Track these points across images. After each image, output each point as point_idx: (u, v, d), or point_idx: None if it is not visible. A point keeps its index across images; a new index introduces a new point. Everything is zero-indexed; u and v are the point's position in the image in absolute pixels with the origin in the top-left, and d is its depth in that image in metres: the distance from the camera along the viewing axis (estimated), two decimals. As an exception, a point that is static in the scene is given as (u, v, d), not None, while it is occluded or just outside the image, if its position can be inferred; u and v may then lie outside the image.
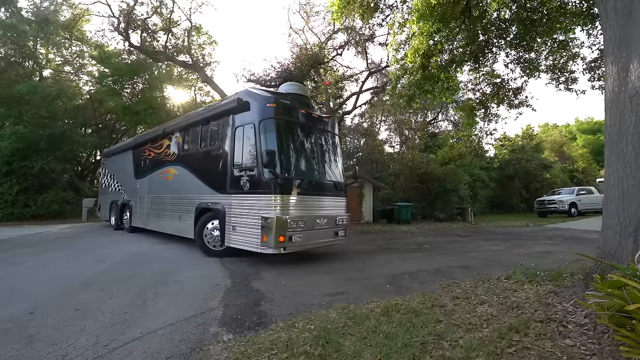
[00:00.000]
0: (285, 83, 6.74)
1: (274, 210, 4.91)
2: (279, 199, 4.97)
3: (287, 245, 4.91)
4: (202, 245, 6.05)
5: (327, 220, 5.69)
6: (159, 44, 15.59)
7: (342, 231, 6.09)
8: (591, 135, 38.25)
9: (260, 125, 5.27)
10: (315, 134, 5.99)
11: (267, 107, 5.36)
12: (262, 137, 5.20)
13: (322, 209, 5.66)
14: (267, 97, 5.56)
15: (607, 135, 2.95)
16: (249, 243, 5.13)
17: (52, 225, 12.03)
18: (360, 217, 15.34)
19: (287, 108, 5.60)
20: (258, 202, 5.09)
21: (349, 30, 13.35)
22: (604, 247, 2.87)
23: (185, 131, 7.38)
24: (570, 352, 2.09)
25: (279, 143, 5.24)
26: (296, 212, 5.14)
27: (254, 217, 5.06)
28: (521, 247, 7.32)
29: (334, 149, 6.50)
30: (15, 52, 16.64)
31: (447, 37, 7.84)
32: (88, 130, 21.85)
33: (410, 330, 2.49)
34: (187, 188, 6.89)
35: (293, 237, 4.97)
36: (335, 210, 5.98)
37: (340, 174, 6.43)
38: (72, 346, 2.42)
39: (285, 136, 5.47)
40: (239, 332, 2.69)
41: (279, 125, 5.37)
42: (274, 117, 5.32)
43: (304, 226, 5.17)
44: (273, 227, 4.76)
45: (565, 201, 16.75)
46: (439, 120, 22.72)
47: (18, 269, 4.92)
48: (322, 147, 6.15)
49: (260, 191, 5.10)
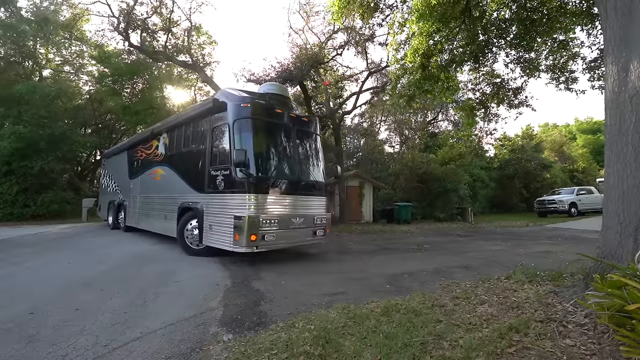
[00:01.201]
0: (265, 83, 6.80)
1: (246, 209, 4.97)
2: (252, 198, 5.03)
3: (260, 244, 4.96)
4: (183, 244, 6.17)
5: (304, 220, 5.70)
6: (158, 44, 15.58)
7: (321, 231, 6.07)
8: (591, 135, 38.24)
9: (234, 125, 5.35)
10: (293, 133, 5.99)
11: (241, 107, 5.44)
12: (235, 137, 5.28)
13: (298, 208, 5.67)
14: (241, 97, 5.64)
15: (607, 135, 2.95)
16: (223, 241, 5.20)
17: (52, 225, 12.03)
18: (360, 217, 15.34)
19: (262, 108, 5.65)
20: (232, 201, 5.17)
21: (349, 30, 13.32)
22: (604, 247, 2.87)
23: (171, 132, 7.53)
24: (570, 352, 2.09)
25: (252, 142, 5.32)
26: (269, 211, 5.18)
27: (228, 216, 5.12)
28: (521, 247, 7.32)
29: (313, 149, 6.51)
30: (15, 52, 16.64)
31: (447, 37, 7.83)
32: (88, 130, 21.84)
33: (410, 330, 2.49)
34: (172, 188, 7.03)
35: (266, 236, 5.01)
36: (313, 210, 5.97)
37: (320, 173, 6.42)
38: (72, 346, 2.42)
39: (259, 136, 5.53)
40: (239, 332, 2.69)
41: (253, 125, 5.44)
42: (248, 117, 5.40)
43: (277, 225, 5.20)
44: (245, 226, 4.81)
45: (565, 201, 16.75)
46: (439, 120, 22.72)
47: (18, 269, 4.92)
48: (300, 146, 6.15)
49: (234, 190, 5.19)
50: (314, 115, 6.93)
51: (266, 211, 5.13)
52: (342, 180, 14.23)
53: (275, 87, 6.53)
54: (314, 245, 7.69)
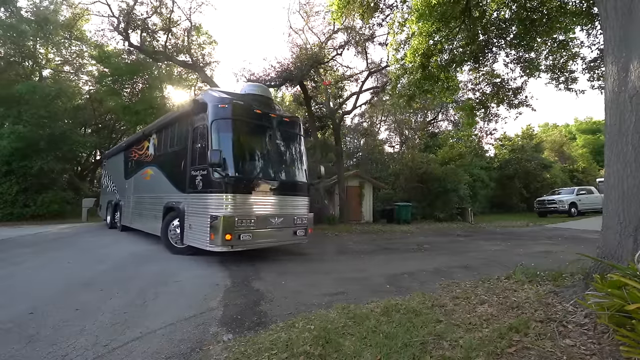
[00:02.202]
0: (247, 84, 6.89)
1: (222, 209, 5.03)
2: (228, 198, 5.09)
3: (235, 243, 5.00)
4: (166, 243, 6.24)
5: (284, 220, 5.72)
6: (158, 44, 15.56)
7: (302, 231, 6.08)
8: (591, 135, 38.24)
9: (212, 125, 5.40)
10: (273, 133, 6.01)
11: (219, 107, 5.50)
12: (213, 137, 5.33)
13: (277, 208, 5.68)
14: (220, 98, 5.69)
15: (607, 135, 2.95)
16: (201, 241, 5.26)
17: (52, 225, 12.02)
18: (360, 217, 15.35)
19: (240, 108, 5.68)
20: (209, 201, 5.23)
21: (349, 30, 13.32)
22: (604, 247, 2.87)
23: (159, 133, 7.63)
24: (570, 352, 2.09)
25: (229, 143, 5.39)
26: (245, 211, 5.21)
27: (205, 215, 5.17)
28: (521, 247, 7.33)
29: (295, 149, 6.51)
30: (14, 51, 16.63)
31: (447, 37, 7.83)
32: (88, 130, 21.84)
33: (410, 330, 2.49)
34: (159, 188, 7.12)
35: (242, 236, 5.04)
36: (294, 210, 5.98)
37: (302, 174, 6.42)
38: (72, 346, 2.42)
39: (237, 136, 5.58)
40: (238, 332, 2.69)
41: (230, 126, 5.50)
42: (225, 118, 5.45)
43: (255, 225, 5.23)
44: (220, 226, 4.85)
45: (565, 201, 16.76)
46: (439, 120, 22.72)
47: (18, 269, 4.92)
48: (280, 147, 6.17)
49: (211, 190, 5.24)
50: (296, 116, 6.92)
51: (242, 211, 5.18)
52: (341, 180, 14.25)
53: (257, 87, 6.59)
54: (314, 246, 7.70)
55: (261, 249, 6.82)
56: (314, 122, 15.33)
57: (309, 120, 15.34)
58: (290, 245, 7.15)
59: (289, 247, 7.19)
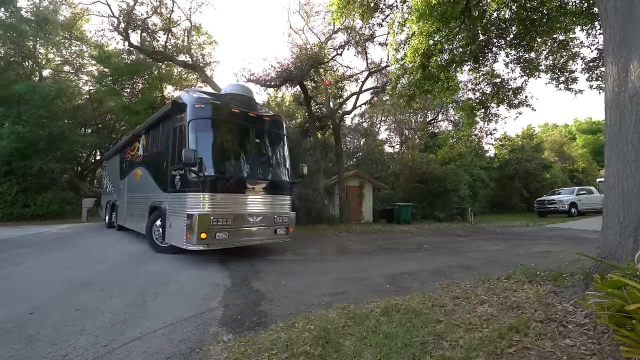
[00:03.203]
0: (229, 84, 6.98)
1: (198, 207, 5.09)
2: (203, 197, 5.14)
3: (211, 242, 5.04)
4: (150, 241, 6.31)
5: (262, 219, 5.74)
6: (158, 44, 15.57)
7: (283, 229, 6.10)
8: (591, 135, 38.24)
9: (189, 125, 5.46)
10: (252, 133, 6.01)
11: (196, 107, 5.56)
12: (190, 137, 5.40)
13: (256, 207, 5.70)
14: (197, 98, 5.75)
15: (607, 135, 2.95)
16: (178, 239, 5.31)
17: (52, 225, 12.02)
18: (360, 217, 15.35)
19: (218, 108, 5.74)
20: (186, 200, 5.29)
21: (349, 30, 13.32)
22: (604, 247, 2.87)
23: (146, 134, 7.73)
24: (570, 352, 2.09)
25: (205, 142, 5.45)
26: (221, 210, 5.23)
27: (182, 214, 5.22)
28: (521, 247, 7.32)
29: (275, 148, 6.54)
30: (14, 51, 16.62)
31: (447, 37, 7.83)
32: (88, 130, 21.84)
33: (410, 330, 2.49)
34: (146, 188, 7.20)
35: (217, 235, 5.09)
36: (273, 209, 5.99)
37: (282, 172, 6.44)
38: (72, 346, 2.42)
39: (213, 135, 5.64)
40: (238, 332, 2.69)
41: (207, 125, 5.57)
42: (202, 118, 5.53)
43: (231, 224, 5.26)
44: (195, 224, 4.90)
45: (565, 201, 16.75)
46: (439, 120, 22.72)
47: (18, 269, 4.92)
48: (260, 145, 6.18)
49: (188, 189, 5.30)
50: (278, 115, 6.93)
51: (218, 210, 5.20)
52: (341, 180, 14.25)
53: (238, 87, 6.65)
54: (314, 246, 7.70)
55: (263, 249, 6.84)
56: (314, 122, 15.32)
57: (309, 120, 15.34)
58: (290, 245, 7.15)
59: (289, 247, 7.19)
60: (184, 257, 5.87)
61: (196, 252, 6.19)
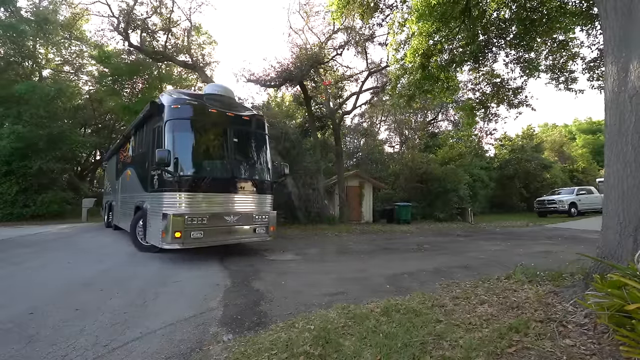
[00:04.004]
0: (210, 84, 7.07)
1: (173, 207, 5.16)
2: (178, 196, 5.23)
3: (185, 241, 5.10)
4: (134, 240, 6.39)
5: (240, 218, 5.77)
6: (158, 44, 15.56)
7: (262, 229, 6.11)
8: (590, 135, 38.24)
9: (165, 125, 5.52)
10: (229, 132, 6.04)
11: (172, 108, 5.62)
12: (166, 137, 5.46)
13: (233, 206, 5.74)
14: (174, 99, 5.81)
15: (607, 135, 2.95)
16: (156, 238, 5.39)
17: (52, 225, 12.02)
18: (360, 217, 15.34)
19: (194, 109, 5.79)
20: (163, 199, 5.39)
21: (349, 30, 13.32)
22: (604, 247, 2.87)
23: (134, 134, 7.84)
24: (570, 352, 2.09)
25: (181, 142, 5.52)
26: (196, 210, 5.30)
27: (159, 213, 5.30)
28: (521, 247, 7.32)
29: (254, 147, 6.56)
30: (14, 51, 16.60)
31: (447, 37, 7.82)
32: (88, 130, 21.83)
33: (410, 330, 2.49)
34: (133, 188, 7.32)
35: (192, 234, 5.15)
36: (252, 208, 6.02)
37: (261, 171, 6.46)
38: (71, 346, 2.41)
39: (189, 136, 5.70)
40: (238, 332, 2.69)
41: (183, 126, 5.63)
42: (178, 118, 5.59)
43: (207, 223, 5.31)
44: (169, 224, 4.99)
45: (565, 201, 16.75)
46: (439, 120, 22.72)
47: (18, 269, 4.92)
48: (237, 145, 6.20)
49: (164, 189, 5.38)
50: (259, 114, 6.96)
51: (193, 209, 5.27)
52: (341, 180, 14.26)
53: (218, 87, 6.73)
54: (314, 246, 7.70)
55: (263, 249, 6.84)
56: (313, 122, 15.33)
57: (309, 120, 15.34)
58: (290, 245, 7.15)
59: (288, 246, 7.20)
60: (184, 257, 5.87)
61: (196, 252, 6.21)
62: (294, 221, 12.53)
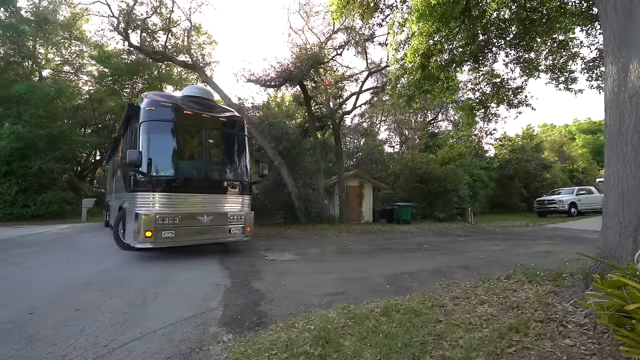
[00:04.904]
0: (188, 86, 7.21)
1: (145, 207, 5.25)
2: (151, 196, 5.33)
3: (157, 240, 5.18)
4: (116, 238, 6.43)
5: (214, 218, 5.81)
6: (158, 44, 15.54)
7: (238, 229, 6.15)
8: (590, 135, 38.25)
9: (140, 127, 5.63)
10: (205, 133, 6.09)
11: (147, 110, 5.72)
12: (140, 139, 5.56)
13: (207, 206, 5.79)
14: (149, 101, 5.91)
15: (607, 135, 2.95)
16: (130, 237, 5.47)
17: (52, 225, 12.02)
18: (360, 217, 15.34)
19: (168, 110, 5.86)
20: (136, 199, 5.44)
21: (349, 30, 13.33)
22: (604, 247, 2.87)
23: (123, 136, 8.02)
24: (570, 352, 2.09)
25: (155, 143, 5.58)
26: (168, 209, 5.37)
27: (132, 213, 5.42)
28: (521, 247, 7.32)
29: (230, 148, 6.62)
30: (14, 51, 16.61)
31: (447, 37, 7.82)
32: (88, 130, 21.82)
33: (410, 330, 2.49)
34: (120, 188, 7.50)
35: (163, 233, 5.22)
36: (227, 208, 6.08)
37: (238, 172, 6.51)
38: (71, 346, 2.41)
39: (163, 137, 5.76)
40: (238, 332, 2.69)
41: (157, 127, 5.71)
42: (152, 120, 5.67)
43: (178, 222, 5.38)
44: (140, 223, 5.09)
45: (565, 201, 16.75)
46: (439, 120, 22.73)
47: (18, 269, 4.92)
48: (213, 146, 6.27)
49: (137, 189, 5.48)
50: (236, 115, 6.99)
51: (164, 209, 5.33)
52: (341, 181, 14.26)
53: (196, 89, 6.85)
54: (314, 246, 7.70)
55: (262, 249, 6.84)
56: (313, 122, 15.33)
57: (309, 120, 15.34)
58: (290, 246, 7.15)
59: (288, 247, 7.20)
60: (184, 258, 5.87)
61: (196, 252, 6.24)
62: (294, 221, 12.54)
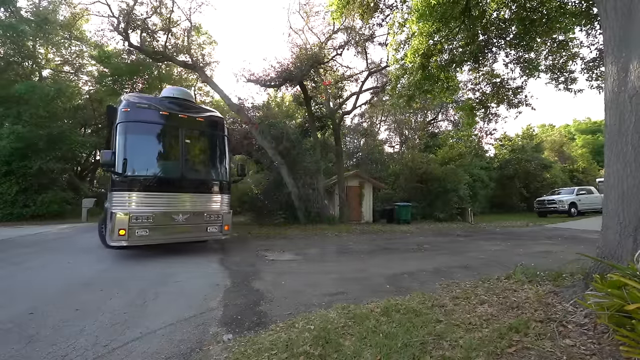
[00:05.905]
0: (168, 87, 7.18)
1: (119, 206, 5.38)
2: (127, 196, 5.47)
3: (130, 238, 5.29)
4: (100, 236, 6.52)
5: (190, 217, 5.89)
6: (158, 44, 15.53)
7: (215, 227, 6.21)
8: (590, 135, 38.25)
9: (116, 128, 5.75)
10: (182, 133, 6.17)
11: (123, 111, 5.83)
12: (117, 139, 5.64)
13: (182, 205, 5.87)
14: (125, 102, 6.01)
15: (607, 135, 2.95)
16: (107, 236, 5.57)
17: (52, 225, 12.02)
18: (360, 217, 15.34)
19: (144, 111, 5.94)
20: (113, 198, 5.55)
21: (349, 30, 13.32)
22: (604, 247, 2.87)
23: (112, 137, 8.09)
24: (570, 352, 2.09)
25: (130, 144, 5.66)
26: (141, 208, 5.45)
27: (109, 212, 5.52)
28: (521, 247, 7.32)
29: (208, 148, 6.67)
30: (14, 51, 16.59)
31: (447, 37, 7.81)
32: (88, 130, 21.80)
33: (410, 330, 2.49)
34: None
35: (137, 232, 5.31)
36: (204, 207, 6.14)
37: (215, 171, 6.59)
38: (71, 346, 2.42)
39: (138, 137, 5.84)
40: (238, 332, 2.69)
41: (132, 128, 5.83)
42: (127, 121, 5.77)
43: (153, 221, 5.48)
44: (114, 222, 5.22)
45: (565, 201, 16.74)
46: (439, 120, 22.72)
47: (18, 269, 4.92)
48: (190, 145, 6.34)
49: (113, 189, 5.59)
50: (215, 116, 7.02)
51: (138, 208, 5.42)
52: (341, 181, 14.25)
53: (174, 90, 6.95)
54: (314, 246, 7.70)
55: (263, 249, 6.84)
56: (313, 122, 15.33)
57: (309, 120, 15.34)
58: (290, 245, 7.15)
59: (288, 247, 7.20)
60: (184, 258, 5.87)
61: (196, 252, 6.23)
62: (294, 221, 12.53)
